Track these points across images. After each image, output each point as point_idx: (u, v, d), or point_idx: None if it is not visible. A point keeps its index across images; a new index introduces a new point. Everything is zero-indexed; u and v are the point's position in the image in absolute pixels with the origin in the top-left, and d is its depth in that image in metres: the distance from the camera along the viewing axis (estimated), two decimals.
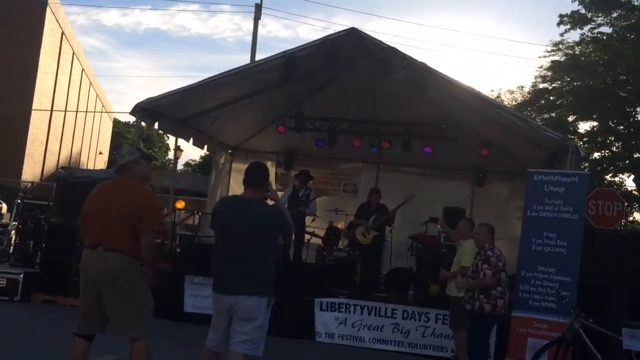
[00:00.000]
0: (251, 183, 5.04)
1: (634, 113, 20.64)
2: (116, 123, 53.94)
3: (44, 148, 29.31)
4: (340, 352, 8.73)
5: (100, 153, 45.69)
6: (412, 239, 11.59)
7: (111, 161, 48.81)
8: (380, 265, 11.60)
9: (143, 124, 10.87)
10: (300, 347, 8.76)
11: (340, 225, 12.27)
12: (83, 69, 36.64)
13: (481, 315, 6.81)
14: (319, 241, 12.09)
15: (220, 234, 5.02)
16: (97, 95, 42.36)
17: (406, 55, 9.41)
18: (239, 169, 14.43)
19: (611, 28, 20.35)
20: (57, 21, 29.05)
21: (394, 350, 8.96)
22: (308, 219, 11.78)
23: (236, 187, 14.34)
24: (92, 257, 4.96)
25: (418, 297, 9.76)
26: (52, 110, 29.62)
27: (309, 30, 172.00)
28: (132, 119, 10.55)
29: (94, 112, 41.40)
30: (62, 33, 30.30)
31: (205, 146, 13.19)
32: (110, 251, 4.87)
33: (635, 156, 20.03)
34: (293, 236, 9.98)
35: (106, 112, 46.63)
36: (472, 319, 6.96)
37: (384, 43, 9.58)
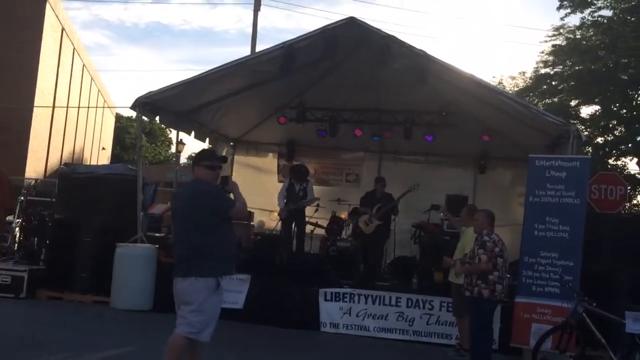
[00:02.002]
0: (193, 166, 5.17)
1: (636, 96, 20.55)
2: (119, 118, 53.92)
3: (46, 145, 29.35)
4: (345, 342, 8.76)
5: (103, 148, 45.71)
6: (416, 228, 11.61)
7: (114, 156, 48.93)
8: (383, 254, 11.62)
9: (144, 118, 10.89)
10: (305, 337, 8.81)
11: (343, 215, 12.30)
12: (84, 65, 36.62)
13: (480, 301, 6.83)
14: (322, 231, 12.12)
15: (172, 220, 5.27)
16: (98, 90, 42.35)
17: (405, 43, 9.40)
18: (241, 161, 14.47)
19: (611, 11, 20.26)
20: (57, 17, 29.01)
21: (399, 339, 9.00)
22: (311, 210, 11.81)
23: (239, 179, 14.23)
24: None
25: (422, 285, 9.79)
26: (54, 106, 29.63)
27: (310, 20, 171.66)
28: (134, 113, 10.56)
29: (96, 107, 41.39)
30: (62, 29, 30.27)
31: (207, 139, 13.19)
32: None
33: (638, 139, 19.95)
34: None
35: (107, 107, 46.60)
36: (473, 305, 6.98)
37: (383, 31, 9.57)
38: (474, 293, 6.87)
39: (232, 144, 14.34)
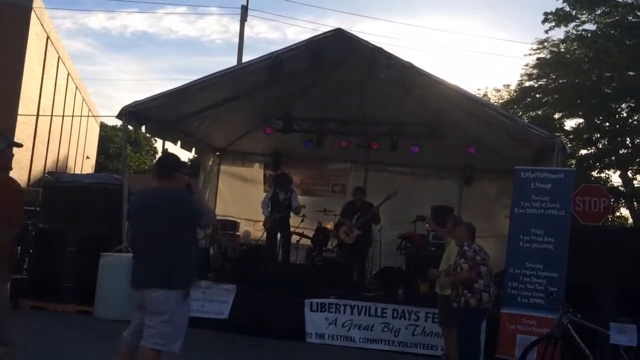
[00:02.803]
0: (159, 173, 5.01)
1: (619, 110, 20.78)
2: (103, 127, 53.69)
3: (30, 153, 29.11)
4: (331, 353, 8.74)
5: (88, 157, 45.43)
6: (401, 238, 11.63)
7: (99, 165, 48.64)
8: (366, 264, 11.64)
9: (130, 127, 10.84)
10: (290, 347, 8.77)
11: (329, 225, 12.30)
12: (69, 73, 36.45)
13: (467, 310, 6.84)
14: (308, 242, 12.12)
15: (134, 228, 5.06)
16: (83, 99, 42.13)
17: (392, 55, 9.45)
18: (227, 171, 14.43)
19: (595, 25, 20.52)
20: (42, 25, 28.86)
21: (385, 350, 8.99)
22: (297, 220, 11.80)
23: (225, 189, 14.34)
24: None
25: (408, 296, 9.79)
26: (38, 115, 29.43)
27: (298, 31, 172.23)
28: (119, 122, 10.52)
29: (80, 116, 41.16)
30: (47, 37, 30.12)
31: (193, 149, 13.16)
32: None
33: (621, 152, 20.18)
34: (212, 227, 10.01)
35: (92, 115, 46.38)
36: (460, 315, 7.00)
37: (370, 43, 9.62)
38: (461, 303, 6.89)
39: (218, 153, 14.30)
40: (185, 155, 14.01)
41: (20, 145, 5.03)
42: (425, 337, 8.98)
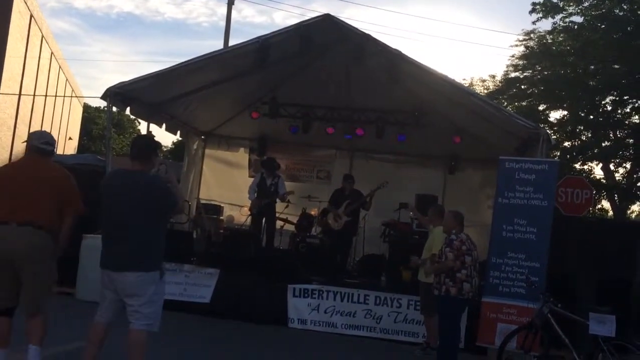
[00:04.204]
0: (134, 155, 4.93)
1: (603, 103, 20.89)
2: (86, 108, 53.21)
3: (12, 133, 28.78)
4: (312, 338, 8.77)
5: (70, 138, 45.00)
6: (385, 226, 11.66)
7: (81, 147, 48.24)
8: (351, 250, 11.69)
9: (115, 108, 10.74)
10: (272, 333, 8.79)
11: (314, 212, 12.32)
12: (52, 53, 36.00)
13: (447, 298, 6.89)
14: (292, 228, 12.13)
15: (105, 209, 4.91)
16: (66, 79, 41.68)
17: (380, 42, 9.43)
18: (212, 155, 14.38)
19: (582, 17, 20.55)
20: (26, 4, 28.44)
21: (366, 336, 9.05)
22: (281, 206, 11.79)
23: (209, 173, 14.29)
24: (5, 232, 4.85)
25: (390, 284, 9.84)
26: (20, 94, 29.07)
27: (285, 16, 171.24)
28: (102, 103, 10.44)
29: (64, 96, 40.71)
30: (31, 16, 29.69)
31: (178, 132, 13.09)
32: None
33: (603, 145, 20.30)
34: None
35: (76, 96, 45.92)
36: (440, 303, 7.05)
37: (359, 30, 9.59)
38: (441, 291, 6.94)
39: (203, 137, 14.23)
40: (170, 138, 13.90)
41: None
42: (407, 325, 9.05)
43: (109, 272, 4.77)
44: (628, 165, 21.15)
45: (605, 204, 23.54)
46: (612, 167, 21.39)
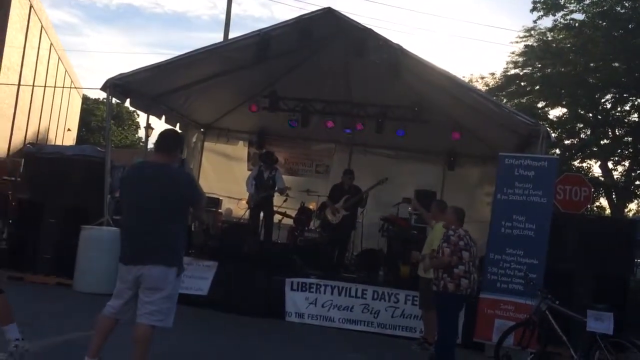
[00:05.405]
0: (160, 148, 4.84)
1: (603, 100, 20.91)
2: (85, 100, 53.00)
3: (10, 123, 28.71)
4: (310, 332, 8.77)
5: (69, 130, 44.85)
6: (384, 221, 11.66)
7: (80, 138, 48.10)
8: (349, 245, 11.69)
9: (114, 100, 10.72)
10: (270, 326, 8.79)
11: (312, 206, 12.31)
12: (52, 44, 35.88)
13: (445, 294, 6.88)
14: (290, 222, 12.12)
15: (127, 202, 4.84)
16: (65, 70, 41.53)
17: (382, 36, 9.41)
18: (211, 148, 14.37)
19: (583, 15, 20.54)
20: None
21: (364, 331, 9.05)
22: (280, 199, 11.79)
23: (208, 166, 14.28)
24: None
25: (388, 278, 9.85)
26: (19, 84, 28.98)
27: (285, 10, 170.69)
28: (102, 95, 10.46)
29: (63, 87, 40.57)
30: (31, 6, 29.57)
31: (178, 124, 13.05)
32: None
33: (602, 143, 20.34)
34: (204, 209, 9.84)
35: (75, 87, 45.75)
36: (438, 299, 7.05)
37: (360, 24, 9.56)
38: (440, 287, 6.93)
39: (202, 130, 14.21)
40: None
41: None
42: (405, 319, 9.05)
43: (129, 267, 4.68)
44: (626, 164, 21.18)
45: (603, 202, 23.57)
46: (610, 165, 21.42)
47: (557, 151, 19.84)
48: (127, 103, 11.00)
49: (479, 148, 12.39)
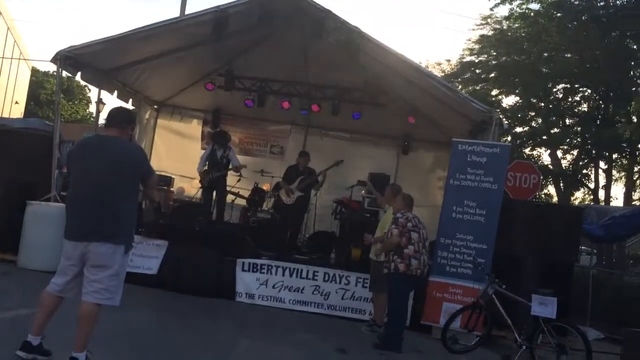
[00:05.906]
0: (111, 123, 4.76)
1: (554, 90, 21.29)
2: (34, 72, 51.52)
3: None
4: (259, 313, 8.77)
5: (17, 103, 43.58)
6: (337, 203, 11.70)
7: (28, 112, 46.78)
8: (302, 226, 11.71)
9: (65, 73, 10.41)
10: (219, 306, 8.75)
11: (266, 186, 12.26)
12: (0, 12, 34.73)
13: (396, 275, 6.98)
14: (243, 202, 12.05)
15: (75, 174, 4.72)
16: (14, 41, 40.28)
17: (340, 18, 9.37)
18: (164, 125, 14.14)
19: (539, 4, 20.82)
20: None
21: (314, 312, 9.09)
22: (233, 179, 11.70)
23: (160, 143, 14.05)
24: None
25: (339, 261, 9.90)
26: None
27: None
28: (52, 68, 10.13)
29: (11, 58, 39.36)
30: None
31: (130, 100, 12.77)
32: None
33: (552, 132, 20.74)
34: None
35: (24, 59, 44.41)
36: (390, 280, 7.12)
37: (319, 5, 9.48)
38: (390, 269, 7.01)
39: (155, 107, 13.96)
40: (119, 105, 13.54)
41: None
42: (355, 302, 9.12)
43: (75, 244, 4.55)
44: (575, 153, 21.69)
45: (551, 190, 24.10)
46: (559, 154, 21.90)
47: (509, 139, 20.13)
48: (78, 77, 10.69)
49: (433, 133, 12.50)
